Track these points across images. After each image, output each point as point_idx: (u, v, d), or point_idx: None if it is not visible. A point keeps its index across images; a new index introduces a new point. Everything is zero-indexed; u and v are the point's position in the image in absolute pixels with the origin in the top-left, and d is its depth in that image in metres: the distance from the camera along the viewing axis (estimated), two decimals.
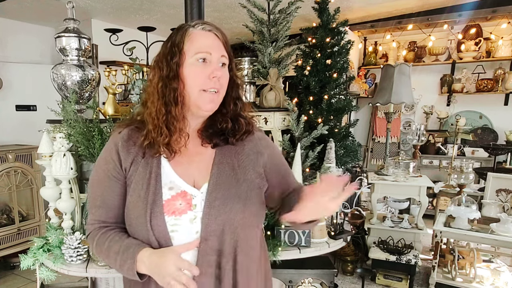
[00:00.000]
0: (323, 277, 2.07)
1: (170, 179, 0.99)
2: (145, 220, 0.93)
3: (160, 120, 0.95)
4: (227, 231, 0.96)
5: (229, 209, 0.96)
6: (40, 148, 1.78)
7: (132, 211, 0.98)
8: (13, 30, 4.13)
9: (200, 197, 0.98)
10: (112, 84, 2.17)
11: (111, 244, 0.98)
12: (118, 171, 1.00)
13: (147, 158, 0.99)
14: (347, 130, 2.36)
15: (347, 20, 2.42)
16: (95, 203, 1.03)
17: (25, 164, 3.48)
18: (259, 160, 1.07)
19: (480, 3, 4.27)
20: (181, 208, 0.96)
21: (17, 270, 3.42)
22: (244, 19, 2.45)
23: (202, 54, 0.95)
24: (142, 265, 0.92)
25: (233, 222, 0.96)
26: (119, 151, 1.00)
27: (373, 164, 5.30)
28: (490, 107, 4.77)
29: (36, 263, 1.68)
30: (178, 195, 0.97)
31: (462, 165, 3.32)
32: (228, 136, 1.04)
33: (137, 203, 0.96)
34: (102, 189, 1.02)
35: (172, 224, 0.94)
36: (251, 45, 2.37)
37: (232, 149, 1.05)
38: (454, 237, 2.88)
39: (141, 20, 4.17)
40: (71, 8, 1.92)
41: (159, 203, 0.95)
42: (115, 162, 1.00)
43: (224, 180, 1.00)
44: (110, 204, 1.01)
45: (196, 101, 0.96)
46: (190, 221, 0.95)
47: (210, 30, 0.98)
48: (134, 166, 0.99)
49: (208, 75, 0.95)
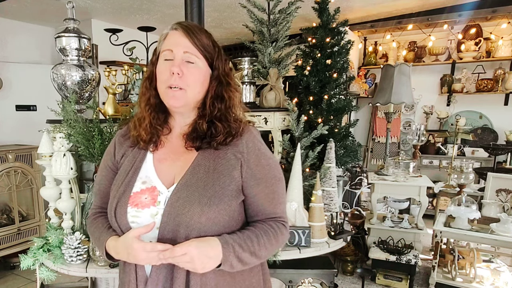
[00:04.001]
0: (323, 277, 2.07)
1: (146, 174, 1.04)
2: (111, 208, 1.01)
3: (137, 116, 1.07)
4: (182, 233, 0.94)
5: (187, 211, 0.94)
6: (40, 148, 1.78)
7: (109, 199, 1.06)
8: (13, 30, 4.14)
9: (165, 194, 0.99)
10: (112, 84, 2.17)
11: (95, 230, 1.09)
12: (112, 161, 1.11)
13: (135, 152, 1.08)
14: (347, 130, 2.36)
15: (347, 20, 2.42)
16: (95, 190, 1.17)
17: (25, 164, 3.48)
18: (240, 165, 1.00)
19: (480, 3, 4.27)
20: (145, 202, 0.99)
21: (17, 270, 3.42)
22: (244, 19, 2.46)
23: (165, 52, 1.00)
24: (112, 251, 1.01)
25: (189, 225, 0.94)
26: (115, 144, 1.12)
27: (373, 164, 5.30)
28: (490, 107, 4.77)
29: (36, 263, 1.68)
30: (147, 189, 1.01)
31: (462, 165, 3.32)
32: (210, 140, 1.02)
33: (112, 191, 1.05)
34: (100, 178, 1.14)
35: (133, 215, 0.98)
36: (251, 45, 2.37)
37: (213, 152, 1.02)
38: (454, 237, 2.88)
39: (141, 20, 4.17)
40: (71, 8, 1.92)
41: (127, 194, 1.01)
42: (111, 154, 1.12)
43: (194, 182, 0.98)
44: (104, 191, 1.11)
45: (163, 97, 1.02)
46: (151, 216, 0.97)
47: (177, 28, 1.00)
48: (124, 158, 1.09)
49: (169, 71, 0.98)
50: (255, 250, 0.98)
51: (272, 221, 1.05)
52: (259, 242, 0.99)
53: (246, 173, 1.01)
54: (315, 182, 1.97)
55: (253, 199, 1.03)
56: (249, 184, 1.01)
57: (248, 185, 1.01)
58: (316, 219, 1.95)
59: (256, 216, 1.06)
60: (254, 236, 0.99)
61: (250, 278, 1.08)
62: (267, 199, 1.04)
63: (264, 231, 1.01)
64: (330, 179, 2.10)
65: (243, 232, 1.00)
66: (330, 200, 2.09)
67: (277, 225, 1.05)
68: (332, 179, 2.10)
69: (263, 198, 1.04)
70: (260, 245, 0.99)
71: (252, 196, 1.03)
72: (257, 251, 0.98)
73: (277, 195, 1.07)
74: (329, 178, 2.10)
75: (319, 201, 1.96)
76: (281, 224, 1.06)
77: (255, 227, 1.02)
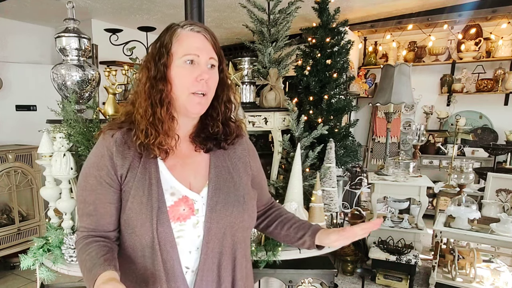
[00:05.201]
0: (323, 277, 2.07)
1: (170, 184, 0.97)
2: (151, 228, 0.91)
3: (147, 122, 0.94)
4: (228, 234, 0.98)
5: (230, 212, 0.98)
6: (40, 148, 1.78)
7: (135, 219, 0.94)
8: (13, 30, 4.13)
9: (201, 201, 0.98)
10: (112, 84, 2.16)
11: (86, 259, 0.92)
12: (112, 177, 0.95)
13: (145, 162, 0.96)
14: (347, 130, 2.36)
15: (347, 20, 2.42)
16: (86, 210, 0.98)
17: (25, 164, 3.48)
18: (250, 163, 1.10)
19: (480, 3, 4.27)
20: (185, 213, 0.96)
21: (17, 270, 3.42)
22: (244, 19, 2.45)
23: (190, 56, 0.93)
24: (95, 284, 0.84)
25: (234, 225, 0.98)
26: (113, 157, 0.95)
27: (373, 164, 5.30)
28: (490, 107, 4.77)
29: (36, 263, 1.68)
30: (180, 200, 0.96)
31: (462, 165, 3.32)
32: (220, 140, 1.03)
33: (140, 210, 0.93)
34: (94, 197, 0.96)
35: (178, 230, 0.94)
36: (251, 45, 2.37)
37: (224, 152, 1.06)
38: (454, 237, 2.88)
39: (141, 20, 4.17)
40: (71, 8, 1.92)
41: (164, 210, 0.93)
42: (109, 169, 0.95)
43: (223, 184, 1.01)
44: (102, 212, 0.97)
45: (184, 104, 0.96)
46: (193, 226, 0.96)
47: (199, 31, 0.96)
48: (132, 172, 0.96)
49: (195, 77, 0.93)
50: None
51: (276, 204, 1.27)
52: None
53: (252, 168, 1.10)
54: (315, 182, 1.97)
55: (260, 190, 1.16)
56: (254, 178, 1.11)
57: (254, 177, 1.12)
58: (316, 219, 1.95)
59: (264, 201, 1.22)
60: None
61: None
62: (264, 188, 1.21)
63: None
64: (330, 179, 2.10)
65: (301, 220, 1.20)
66: (330, 200, 2.09)
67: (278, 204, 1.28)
68: (332, 179, 2.10)
69: (262, 187, 1.18)
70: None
71: (258, 189, 1.14)
72: None
73: (266, 181, 1.24)
74: (329, 178, 2.10)
75: (319, 201, 1.96)
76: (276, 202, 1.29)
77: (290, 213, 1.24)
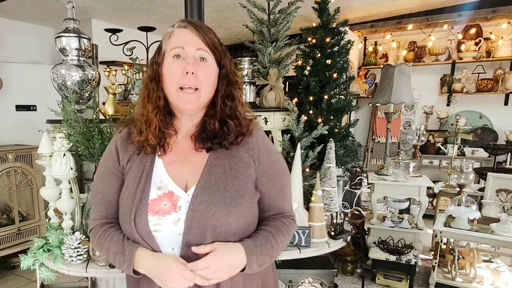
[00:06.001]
0: (323, 277, 2.07)
1: (160, 178, 0.99)
2: (130, 218, 0.95)
3: (141, 120, 1.00)
4: (209, 235, 0.93)
5: (212, 214, 0.93)
6: (40, 148, 1.78)
7: (121, 208, 1.00)
8: (13, 30, 4.13)
9: (186, 199, 0.96)
10: (112, 84, 2.17)
11: (110, 244, 1.00)
12: (116, 167, 1.03)
13: (142, 156, 1.02)
14: (347, 130, 2.36)
15: (347, 20, 2.42)
16: (96, 199, 1.06)
17: (25, 164, 3.48)
18: (254, 163, 1.02)
19: (480, 3, 4.27)
20: (166, 208, 0.95)
21: (17, 270, 3.41)
22: (244, 19, 2.45)
23: (176, 49, 0.95)
24: (140, 267, 0.95)
25: (216, 227, 0.93)
26: (117, 149, 1.04)
27: (373, 164, 5.30)
28: (490, 107, 4.76)
29: (36, 263, 1.68)
30: (165, 195, 0.97)
31: (462, 165, 3.32)
32: (221, 140, 1.00)
33: (126, 200, 0.98)
34: (102, 186, 1.05)
35: (154, 223, 0.94)
36: (251, 45, 2.37)
37: (226, 152, 1.02)
38: (454, 237, 2.88)
39: (141, 20, 4.17)
40: (71, 8, 1.92)
41: (144, 202, 0.96)
42: (114, 159, 1.04)
43: (213, 183, 0.97)
44: (110, 199, 1.03)
45: (175, 101, 0.97)
46: (173, 222, 0.95)
47: (185, 26, 0.97)
48: (130, 164, 1.02)
49: (181, 71, 0.93)
50: (273, 253, 1.02)
51: (283, 218, 1.08)
52: (276, 242, 1.02)
53: (258, 170, 1.02)
54: (315, 182, 1.97)
55: (265, 195, 1.05)
56: (261, 181, 1.03)
57: (260, 182, 1.03)
58: (316, 219, 1.95)
59: (268, 211, 1.07)
60: (272, 237, 1.01)
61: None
62: (277, 194, 1.07)
63: (279, 230, 1.04)
64: (330, 179, 2.10)
65: (261, 235, 1.01)
66: (330, 200, 2.09)
67: (288, 221, 1.08)
68: (332, 179, 2.10)
69: (274, 193, 1.06)
70: (278, 245, 1.03)
71: (265, 192, 1.05)
72: (275, 252, 1.02)
73: (286, 189, 1.11)
74: (329, 178, 2.10)
75: (319, 201, 1.96)
76: (291, 219, 1.10)
77: (270, 227, 1.04)
